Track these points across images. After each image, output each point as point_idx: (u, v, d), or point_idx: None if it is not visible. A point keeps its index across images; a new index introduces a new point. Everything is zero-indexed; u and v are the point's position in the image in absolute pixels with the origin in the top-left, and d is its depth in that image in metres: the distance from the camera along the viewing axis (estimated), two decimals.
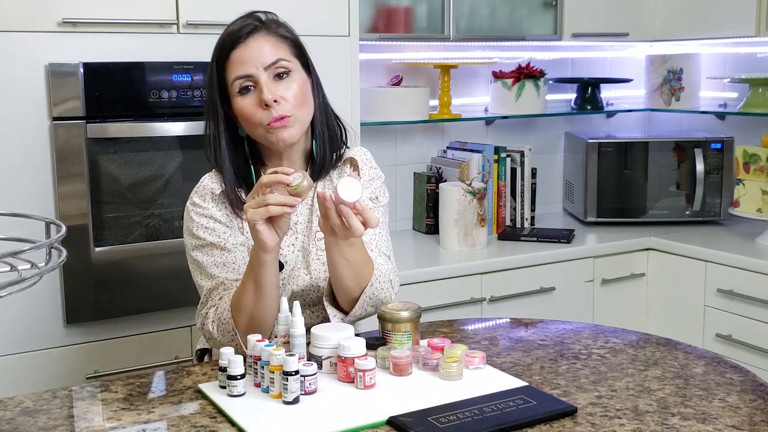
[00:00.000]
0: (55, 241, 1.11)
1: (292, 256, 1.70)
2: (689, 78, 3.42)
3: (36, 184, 2.17)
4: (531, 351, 1.64)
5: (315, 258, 1.71)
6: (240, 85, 1.61)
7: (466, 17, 3.00)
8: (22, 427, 1.31)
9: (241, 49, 1.61)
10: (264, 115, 1.60)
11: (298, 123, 1.63)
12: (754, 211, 2.86)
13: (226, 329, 1.59)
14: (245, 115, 1.62)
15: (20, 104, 2.14)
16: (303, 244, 1.72)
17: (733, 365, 1.56)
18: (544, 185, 3.47)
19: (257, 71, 1.60)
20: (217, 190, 1.67)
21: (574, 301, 2.90)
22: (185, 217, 1.70)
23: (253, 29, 1.62)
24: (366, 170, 1.77)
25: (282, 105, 1.60)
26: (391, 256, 1.77)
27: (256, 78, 1.60)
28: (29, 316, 2.20)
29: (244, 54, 1.61)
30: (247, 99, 1.61)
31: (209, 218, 1.66)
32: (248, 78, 1.60)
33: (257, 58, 1.60)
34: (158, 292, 2.34)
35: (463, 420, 1.28)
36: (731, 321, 2.75)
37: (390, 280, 1.68)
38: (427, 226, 3.10)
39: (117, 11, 2.22)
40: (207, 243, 1.65)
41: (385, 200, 1.80)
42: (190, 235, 1.68)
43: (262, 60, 1.60)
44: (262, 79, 1.60)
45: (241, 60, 1.60)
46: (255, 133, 1.64)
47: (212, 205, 1.67)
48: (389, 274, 1.69)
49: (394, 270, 1.74)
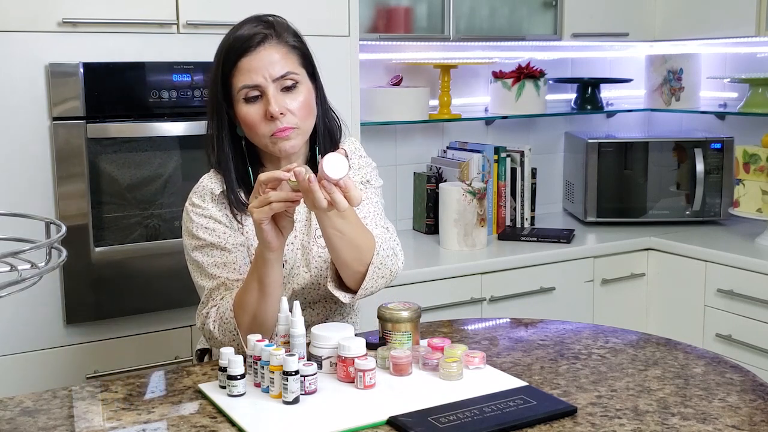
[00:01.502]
0: (55, 241, 1.11)
1: (291, 255, 1.70)
2: (689, 78, 3.42)
3: (36, 184, 2.17)
4: (531, 351, 1.64)
5: (316, 255, 1.71)
6: (246, 93, 1.60)
7: (466, 17, 3.00)
8: (22, 427, 1.31)
9: (251, 57, 1.59)
10: (269, 127, 1.60)
11: (301, 134, 1.64)
12: (754, 211, 2.86)
13: (227, 329, 1.59)
14: (249, 123, 1.61)
15: (20, 104, 2.14)
16: (302, 242, 1.71)
17: (733, 365, 1.56)
18: (544, 185, 3.47)
19: (265, 82, 1.59)
20: (217, 190, 1.67)
21: (574, 301, 2.90)
22: (184, 218, 1.70)
23: (263, 38, 1.60)
24: (355, 159, 1.76)
25: (288, 117, 1.60)
26: (390, 228, 1.72)
27: (263, 88, 1.59)
28: (29, 316, 2.20)
29: (252, 63, 1.59)
30: (253, 108, 1.60)
31: (209, 218, 1.66)
32: (256, 88, 1.59)
33: (266, 69, 1.59)
34: (158, 292, 2.34)
35: (463, 420, 1.28)
36: (731, 321, 2.75)
37: (392, 248, 1.64)
38: (427, 226, 3.10)
39: (117, 11, 2.22)
40: (207, 243, 1.65)
41: (378, 184, 1.79)
42: (190, 235, 1.68)
43: (271, 71, 1.59)
44: (269, 90, 1.59)
45: (249, 69, 1.59)
46: (257, 140, 1.64)
47: (212, 205, 1.67)
48: (390, 242, 1.65)
49: (396, 240, 1.69)
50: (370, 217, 1.70)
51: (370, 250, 1.58)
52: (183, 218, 1.71)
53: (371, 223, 1.69)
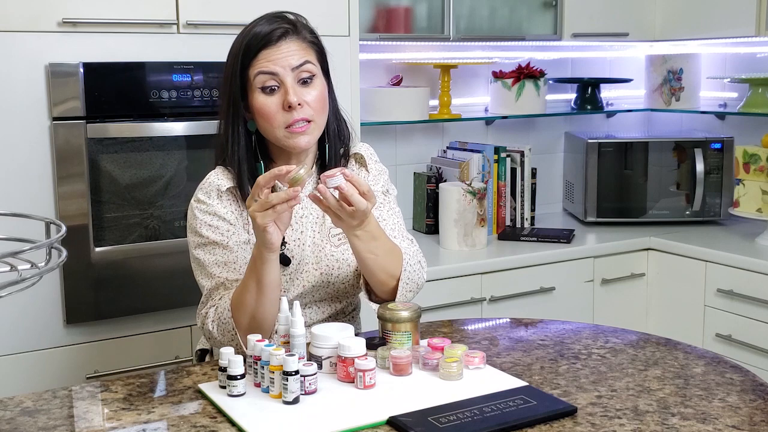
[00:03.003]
0: (55, 241, 1.11)
1: (298, 251, 1.69)
2: (689, 78, 3.42)
3: (36, 184, 2.17)
4: (531, 351, 1.64)
5: (328, 254, 1.71)
6: (263, 82, 1.61)
7: (466, 17, 3.00)
8: (22, 427, 1.31)
9: (271, 50, 1.61)
10: (286, 117, 1.61)
11: (317, 129, 1.65)
12: (754, 211, 2.86)
13: (226, 329, 1.59)
14: (266, 114, 1.62)
15: (20, 104, 2.13)
16: (314, 239, 1.71)
17: (733, 365, 1.56)
18: (544, 185, 3.47)
19: (284, 72, 1.61)
20: (224, 186, 1.67)
21: (574, 301, 2.90)
22: (189, 214, 1.70)
23: (284, 33, 1.63)
24: (372, 164, 1.80)
25: (305, 108, 1.62)
26: (413, 239, 1.80)
27: (281, 78, 1.61)
28: (29, 316, 2.20)
29: (272, 54, 1.61)
30: (270, 99, 1.61)
31: (213, 215, 1.66)
32: (274, 77, 1.61)
33: (285, 59, 1.61)
34: (158, 292, 2.34)
35: (463, 420, 1.28)
36: (731, 321, 2.75)
37: (419, 261, 1.73)
38: (427, 226, 3.10)
39: (117, 11, 2.22)
40: (210, 241, 1.65)
41: (395, 192, 1.85)
42: (194, 232, 1.67)
43: (290, 62, 1.61)
44: (288, 80, 1.61)
45: (268, 59, 1.61)
46: (272, 133, 1.64)
47: (217, 202, 1.67)
48: (417, 255, 1.73)
49: (419, 251, 1.77)
50: (396, 228, 1.77)
51: (399, 266, 1.66)
52: (188, 215, 1.71)
53: (398, 235, 1.75)
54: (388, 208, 1.79)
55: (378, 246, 1.60)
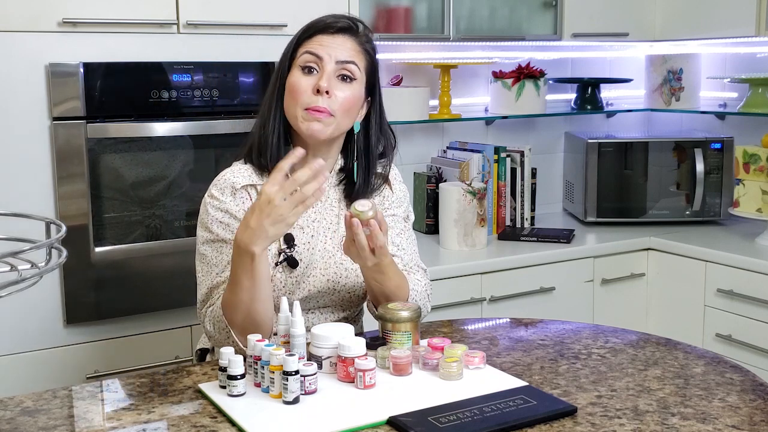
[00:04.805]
0: (55, 241, 1.11)
1: (307, 254, 1.69)
2: (689, 78, 3.42)
3: (36, 184, 2.17)
4: (531, 351, 1.64)
5: (338, 261, 1.71)
6: (306, 61, 1.64)
7: (466, 17, 3.00)
8: (22, 427, 1.31)
9: (327, 36, 1.65)
10: (310, 99, 1.62)
11: (335, 126, 1.64)
12: (754, 211, 2.86)
13: (220, 327, 1.59)
14: (294, 90, 1.63)
15: (20, 104, 2.14)
16: (324, 245, 1.71)
17: (733, 365, 1.56)
18: (544, 185, 3.47)
19: (328, 59, 1.63)
20: (239, 184, 1.66)
21: (574, 301, 2.90)
22: (201, 209, 1.69)
23: (345, 28, 1.67)
24: (397, 185, 1.83)
25: (332, 100, 1.62)
26: (426, 270, 1.84)
27: (323, 64, 1.63)
28: (29, 316, 2.20)
29: (326, 40, 1.65)
30: (305, 78, 1.63)
31: (225, 212, 1.65)
32: (318, 60, 1.63)
33: (335, 50, 1.64)
34: (158, 292, 2.34)
35: (463, 420, 1.28)
36: (731, 321, 2.75)
37: (427, 294, 1.78)
38: (427, 226, 3.10)
39: (117, 11, 2.22)
40: (219, 239, 1.65)
41: (413, 218, 1.87)
42: (204, 228, 1.67)
43: (338, 54, 1.64)
44: (328, 68, 1.63)
45: (320, 42, 1.64)
46: (292, 111, 1.65)
47: (230, 199, 1.66)
48: (426, 289, 1.78)
49: (429, 282, 1.81)
50: (413, 258, 1.81)
51: (405, 297, 1.68)
52: (200, 209, 1.70)
53: (414, 266, 1.79)
54: (407, 235, 1.81)
55: (385, 279, 1.63)
